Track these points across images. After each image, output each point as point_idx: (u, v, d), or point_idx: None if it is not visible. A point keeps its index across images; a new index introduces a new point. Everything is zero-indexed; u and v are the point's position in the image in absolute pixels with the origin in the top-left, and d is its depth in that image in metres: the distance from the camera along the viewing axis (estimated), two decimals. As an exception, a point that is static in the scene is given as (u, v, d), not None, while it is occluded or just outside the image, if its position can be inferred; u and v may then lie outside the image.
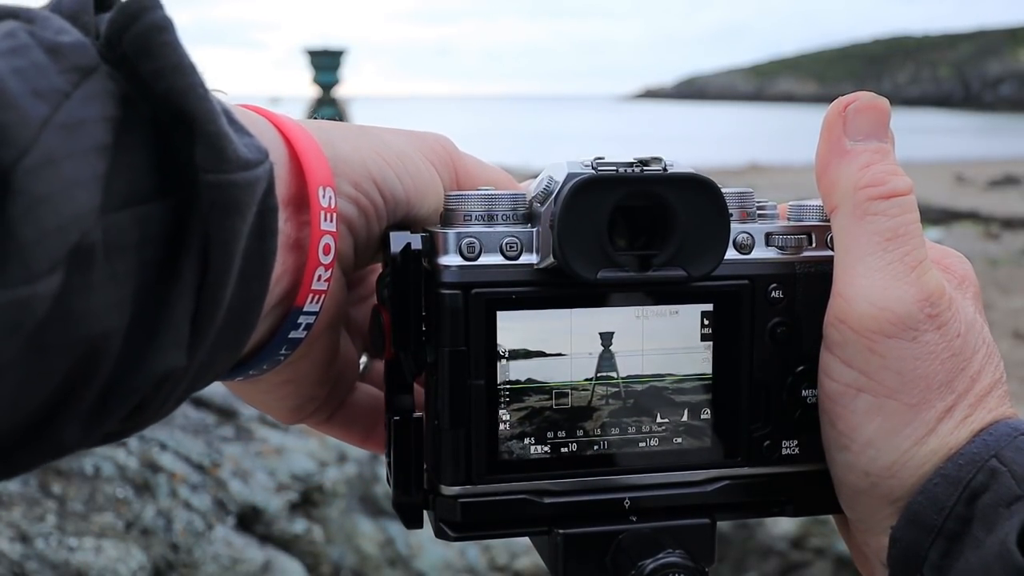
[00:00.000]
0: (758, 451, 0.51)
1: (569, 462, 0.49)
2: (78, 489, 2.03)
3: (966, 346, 0.47)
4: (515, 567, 2.80)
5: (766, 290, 0.51)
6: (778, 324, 0.51)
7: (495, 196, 0.49)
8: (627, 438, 0.50)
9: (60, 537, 1.88)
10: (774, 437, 0.52)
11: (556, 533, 0.49)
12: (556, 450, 0.49)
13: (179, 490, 2.14)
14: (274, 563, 2.20)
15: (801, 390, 0.51)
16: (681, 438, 0.50)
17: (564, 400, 0.48)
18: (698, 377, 0.50)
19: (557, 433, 0.49)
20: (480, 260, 0.47)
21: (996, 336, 2.64)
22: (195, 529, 2.09)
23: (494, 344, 0.47)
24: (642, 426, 0.50)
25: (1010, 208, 13.84)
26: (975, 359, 0.48)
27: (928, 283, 0.47)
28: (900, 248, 0.47)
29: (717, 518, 0.51)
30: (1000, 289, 8.67)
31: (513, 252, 0.48)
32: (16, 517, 1.88)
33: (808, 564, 2.95)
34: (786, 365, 0.51)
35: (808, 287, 0.51)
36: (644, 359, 0.49)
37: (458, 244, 0.47)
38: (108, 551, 1.89)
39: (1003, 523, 0.44)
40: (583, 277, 0.47)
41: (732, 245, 0.50)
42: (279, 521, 2.33)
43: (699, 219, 0.48)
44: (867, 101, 0.50)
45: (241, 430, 2.65)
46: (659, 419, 0.50)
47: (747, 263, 0.51)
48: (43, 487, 2.01)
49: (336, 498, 2.60)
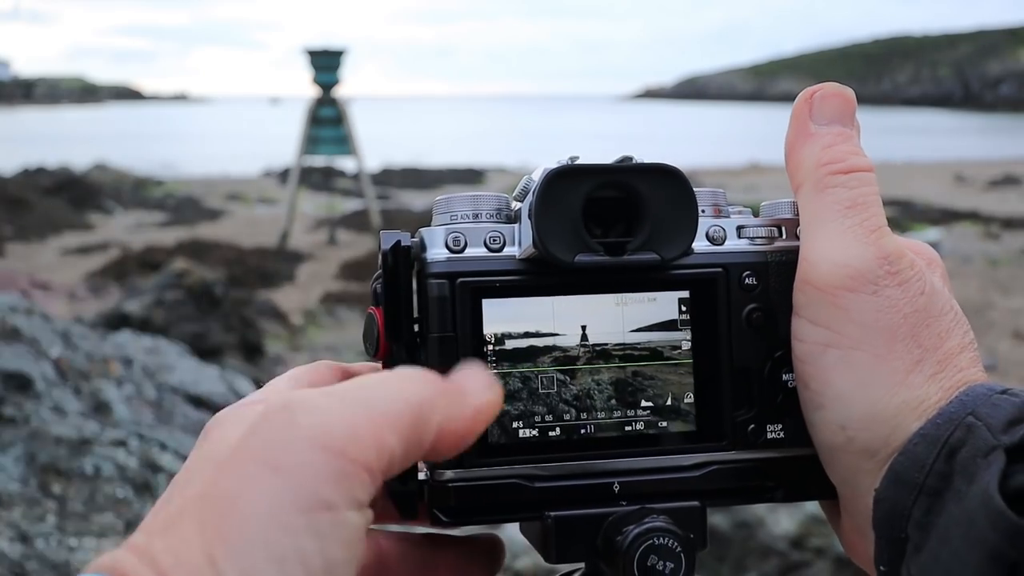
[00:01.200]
0: (743, 435, 0.53)
1: (558, 446, 0.50)
2: (78, 489, 2.03)
3: (931, 305, 0.50)
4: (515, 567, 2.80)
5: (740, 277, 0.53)
6: (753, 310, 0.53)
7: (480, 196, 0.52)
8: (613, 422, 0.51)
9: (60, 537, 1.88)
10: (758, 421, 0.53)
11: (547, 516, 0.50)
12: (544, 434, 0.50)
13: (179, 490, 2.14)
14: (274, 563, 2.20)
15: (781, 375, 0.53)
16: (666, 422, 0.52)
17: (551, 385, 0.50)
18: (679, 361, 0.52)
19: (545, 417, 0.50)
20: (465, 252, 0.50)
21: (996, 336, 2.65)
22: (195, 529, 2.09)
23: (480, 330, 0.49)
24: (627, 410, 0.51)
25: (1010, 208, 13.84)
26: (942, 320, 0.50)
27: (887, 245, 0.49)
28: (860, 215, 0.50)
29: (707, 504, 0.52)
30: (1000, 289, 8.66)
31: (496, 245, 0.51)
32: (16, 517, 1.88)
33: (808, 564, 2.95)
34: (764, 350, 0.53)
35: (780, 275, 0.53)
36: (626, 345, 0.51)
37: (444, 238, 0.50)
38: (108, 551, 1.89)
39: (982, 473, 0.45)
40: (561, 260, 0.49)
41: (705, 237, 0.53)
42: (279, 521, 2.33)
43: (668, 205, 0.50)
44: (833, 89, 0.53)
45: (241, 430, 2.65)
46: (643, 404, 0.52)
47: (720, 253, 0.53)
48: (43, 487, 2.01)
49: (336, 498, 2.60)
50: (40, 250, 10.52)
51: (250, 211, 14.35)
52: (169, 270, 6.02)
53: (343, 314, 7.52)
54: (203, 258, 8.48)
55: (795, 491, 0.54)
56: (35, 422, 2.15)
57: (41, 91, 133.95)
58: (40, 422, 2.15)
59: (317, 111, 10.80)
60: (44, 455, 2.06)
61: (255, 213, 14.07)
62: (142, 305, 5.61)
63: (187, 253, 8.80)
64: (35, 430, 2.12)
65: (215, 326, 5.61)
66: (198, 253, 9.01)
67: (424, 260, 0.50)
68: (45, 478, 2.03)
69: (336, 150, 10.99)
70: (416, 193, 16.38)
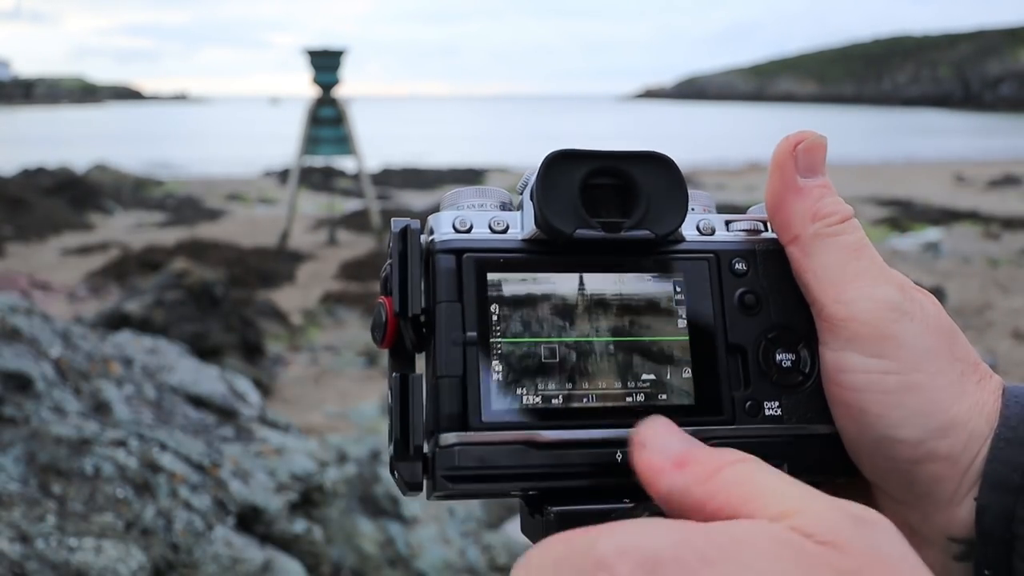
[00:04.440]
0: (742, 410, 0.55)
1: (561, 413, 0.52)
2: (78, 489, 2.03)
3: (946, 321, 0.55)
4: (515, 567, 2.80)
5: (730, 262, 0.57)
6: (745, 292, 0.56)
7: (486, 190, 0.56)
8: (614, 392, 0.53)
9: (60, 537, 1.88)
10: (755, 398, 0.55)
11: (549, 512, 0.50)
12: (548, 401, 0.52)
13: (179, 490, 2.14)
14: (274, 563, 2.20)
15: (775, 354, 0.56)
16: (666, 395, 0.54)
17: (553, 354, 0.52)
18: (676, 338, 0.55)
19: (548, 385, 0.52)
20: (471, 233, 0.54)
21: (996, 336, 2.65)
22: (195, 529, 2.09)
23: (485, 299, 0.52)
24: (628, 382, 0.53)
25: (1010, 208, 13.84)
26: (958, 333, 0.55)
27: (896, 277, 0.54)
28: (868, 256, 0.55)
29: None
30: (1000, 289, 8.66)
31: (500, 228, 0.54)
32: (16, 517, 1.88)
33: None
34: (757, 330, 0.56)
35: (767, 263, 0.57)
36: (626, 319, 0.54)
37: (451, 221, 0.54)
38: (108, 551, 1.89)
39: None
40: (561, 231, 0.52)
41: (696, 229, 0.57)
42: (279, 521, 2.33)
43: (660, 189, 0.54)
44: (815, 141, 0.57)
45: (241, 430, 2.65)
46: (643, 376, 0.53)
47: (711, 241, 0.57)
48: (43, 487, 2.01)
49: (336, 498, 2.59)
50: (40, 250, 10.52)
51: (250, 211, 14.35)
52: (169, 270, 6.02)
53: (343, 314, 7.52)
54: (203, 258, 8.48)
55: (799, 467, 0.55)
56: (35, 422, 2.15)
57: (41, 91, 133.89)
58: (40, 422, 2.15)
59: (317, 111, 10.80)
60: (44, 455, 2.06)
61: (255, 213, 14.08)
62: (142, 305, 5.61)
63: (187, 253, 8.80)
64: (35, 430, 2.12)
65: (215, 326, 5.60)
66: (198, 253, 9.01)
67: (432, 240, 0.53)
68: (45, 478, 2.03)
69: (336, 150, 11.00)
70: (416, 193, 16.38)
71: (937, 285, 8.39)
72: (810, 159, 0.56)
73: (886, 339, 0.53)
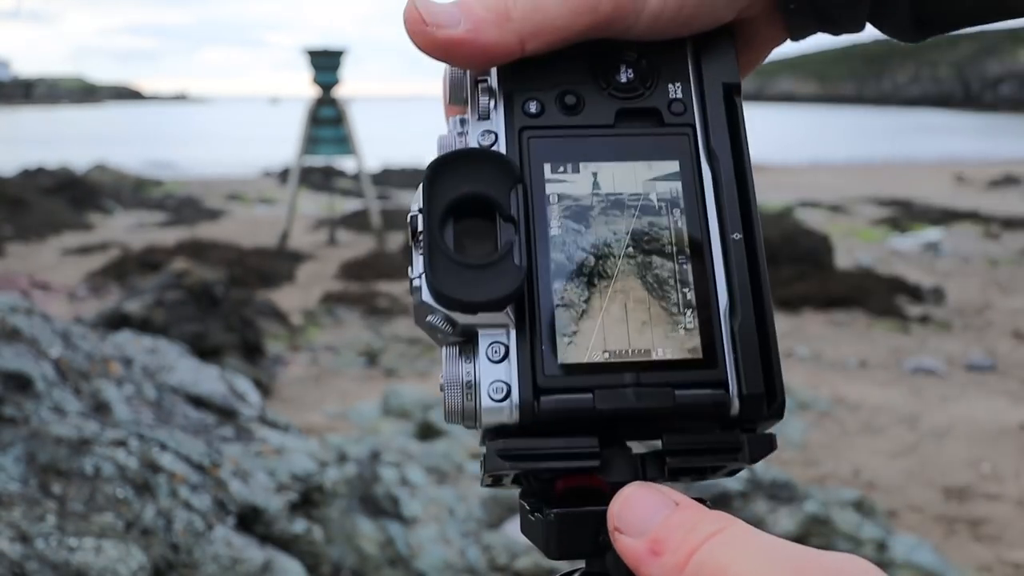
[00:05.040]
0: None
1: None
2: (78, 489, 2.03)
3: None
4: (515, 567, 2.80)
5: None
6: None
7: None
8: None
9: (60, 537, 1.88)
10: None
11: (549, 513, 0.49)
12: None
13: (179, 490, 2.14)
14: (274, 563, 2.20)
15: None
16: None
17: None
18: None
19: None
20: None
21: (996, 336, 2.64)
22: (195, 529, 2.09)
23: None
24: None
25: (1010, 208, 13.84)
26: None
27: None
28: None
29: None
30: (1000, 289, 8.66)
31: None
32: (16, 517, 1.88)
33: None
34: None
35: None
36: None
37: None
38: (108, 551, 1.89)
39: None
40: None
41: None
42: (279, 521, 2.33)
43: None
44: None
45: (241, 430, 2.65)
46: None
47: None
48: (43, 487, 2.01)
49: (336, 498, 2.59)
50: (40, 250, 10.52)
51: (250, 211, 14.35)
52: (169, 270, 6.02)
53: (343, 314, 7.52)
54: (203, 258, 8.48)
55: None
56: (35, 422, 2.15)
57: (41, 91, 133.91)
58: (40, 422, 2.15)
59: (317, 111, 10.80)
60: (44, 455, 2.07)
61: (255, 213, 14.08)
62: (142, 305, 5.61)
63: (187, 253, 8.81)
64: (35, 430, 2.12)
65: (215, 326, 5.61)
66: (198, 253, 9.01)
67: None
68: (45, 478, 2.03)
69: (336, 150, 11.00)
70: (416, 193, 16.35)
71: (937, 285, 8.39)
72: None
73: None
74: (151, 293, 5.75)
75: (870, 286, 8.13)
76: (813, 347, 6.75)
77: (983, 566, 3.59)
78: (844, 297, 7.85)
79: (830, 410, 5.35)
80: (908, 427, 5.13)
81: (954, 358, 6.48)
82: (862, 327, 7.35)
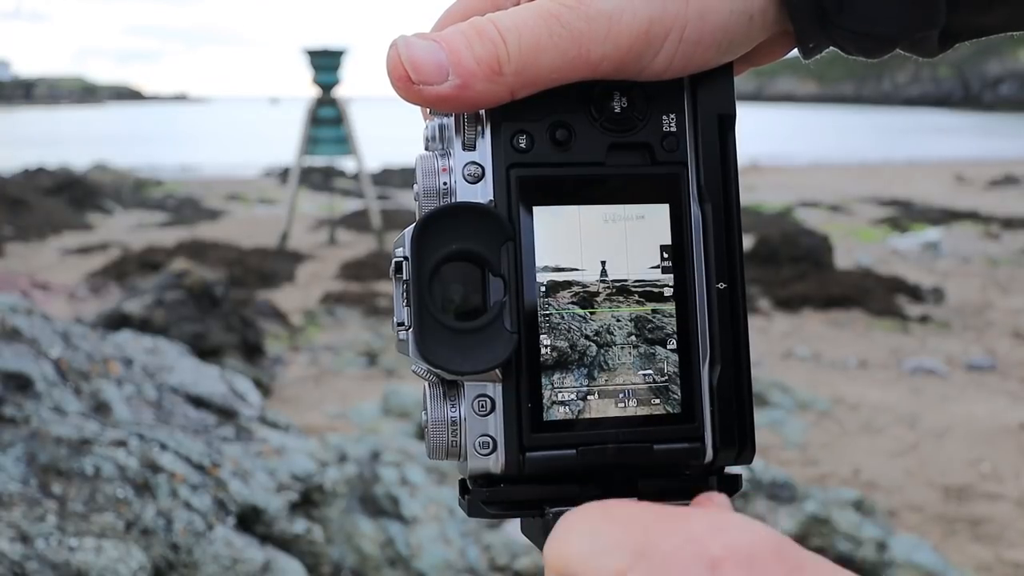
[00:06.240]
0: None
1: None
2: (78, 489, 2.03)
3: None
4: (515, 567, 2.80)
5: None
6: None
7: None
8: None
9: (60, 537, 1.88)
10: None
11: (548, 512, 0.49)
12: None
13: (179, 490, 2.14)
14: (274, 563, 2.20)
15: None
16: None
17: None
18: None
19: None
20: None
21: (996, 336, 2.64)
22: (195, 529, 2.09)
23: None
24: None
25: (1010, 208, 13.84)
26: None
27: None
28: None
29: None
30: (1000, 289, 8.66)
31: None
32: (16, 517, 1.88)
33: (808, 564, 2.95)
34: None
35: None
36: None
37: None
38: (108, 551, 1.89)
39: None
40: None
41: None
42: (279, 521, 2.33)
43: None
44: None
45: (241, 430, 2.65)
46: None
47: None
48: (43, 487, 2.01)
49: (336, 498, 2.60)
50: (40, 250, 10.52)
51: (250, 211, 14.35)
52: (169, 270, 6.02)
53: (343, 314, 7.52)
54: (203, 258, 8.48)
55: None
56: (35, 422, 2.15)
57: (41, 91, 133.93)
58: (40, 422, 2.15)
59: (317, 111, 10.80)
60: (44, 455, 2.07)
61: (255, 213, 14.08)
62: (142, 305, 5.61)
63: (187, 253, 8.81)
64: (35, 430, 2.12)
65: (215, 326, 5.61)
66: (198, 253, 9.02)
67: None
68: (45, 478, 2.03)
69: (336, 150, 11.00)
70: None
71: (937, 285, 8.39)
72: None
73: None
74: (151, 293, 5.75)
75: (870, 286, 8.13)
76: (813, 347, 6.76)
77: (983, 566, 3.59)
78: (844, 297, 7.85)
79: (830, 410, 5.35)
80: (908, 427, 5.13)
81: (954, 358, 6.48)
82: (862, 327, 7.35)
